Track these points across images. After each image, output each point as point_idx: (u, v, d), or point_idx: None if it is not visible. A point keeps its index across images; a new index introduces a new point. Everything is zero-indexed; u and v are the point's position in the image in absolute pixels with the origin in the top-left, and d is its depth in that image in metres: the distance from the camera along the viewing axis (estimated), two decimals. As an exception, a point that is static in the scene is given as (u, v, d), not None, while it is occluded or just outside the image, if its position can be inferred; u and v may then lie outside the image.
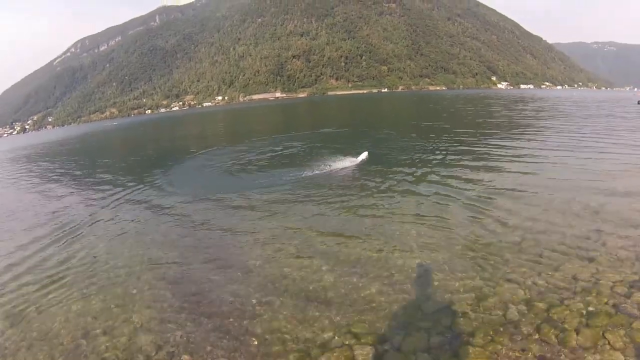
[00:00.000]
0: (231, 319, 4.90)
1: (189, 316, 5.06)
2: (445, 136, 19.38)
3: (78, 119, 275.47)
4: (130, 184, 14.53)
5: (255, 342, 4.47)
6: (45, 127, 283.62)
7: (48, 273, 7.02)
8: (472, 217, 7.55)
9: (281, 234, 7.53)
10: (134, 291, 5.89)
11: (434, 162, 12.87)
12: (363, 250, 6.45)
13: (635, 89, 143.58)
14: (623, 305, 4.55)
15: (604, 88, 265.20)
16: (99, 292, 6.00)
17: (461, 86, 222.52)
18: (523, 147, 14.72)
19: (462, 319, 4.47)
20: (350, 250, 6.45)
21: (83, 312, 5.50)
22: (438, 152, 14.70)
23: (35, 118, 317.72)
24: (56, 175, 19.78)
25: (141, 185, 13.88)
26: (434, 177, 10.80)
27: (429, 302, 4.84)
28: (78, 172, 20.50)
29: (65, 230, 9.56)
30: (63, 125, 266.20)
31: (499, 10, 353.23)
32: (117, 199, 12.24)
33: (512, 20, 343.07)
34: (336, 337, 4.40)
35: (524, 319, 4.38)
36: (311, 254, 6.44)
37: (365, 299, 5.03)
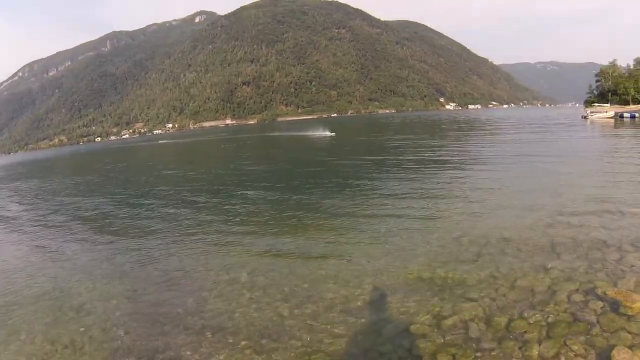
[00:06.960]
0: (187, 354, 4.78)
1: (141, 355, 4.87)
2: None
3: (25, 147, 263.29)
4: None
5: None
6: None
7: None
8: (424, 238, 7.70)
9: (230, 262, 7.51)
10: (83, 329, 5.64)
11: (383, 187, 13.33)
12: (317, 277, 6.41)
13: (577, 105, 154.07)
14: (581, 313, 4.73)
15: (547, 105, 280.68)
16: (48, 331, 5.72)
17: (410, 109, 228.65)
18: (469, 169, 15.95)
19: (422, 340, 4.48)
20: (304, 278, 6.41)
21: (32, 353, 5.29)
22: (387, 177, 15.46)
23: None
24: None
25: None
26: (383, 203, 11.04)
27: (388, 326, 4.81)
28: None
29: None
30: (9, 153, 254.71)
31: (446, 34, 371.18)
32: (62, 231, 12.17)
33: (460, 44, 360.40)
34: None
35: (484, 336, 4.44)
36: (264, 283, 6.43)
37: (324, 328, 4.94)
